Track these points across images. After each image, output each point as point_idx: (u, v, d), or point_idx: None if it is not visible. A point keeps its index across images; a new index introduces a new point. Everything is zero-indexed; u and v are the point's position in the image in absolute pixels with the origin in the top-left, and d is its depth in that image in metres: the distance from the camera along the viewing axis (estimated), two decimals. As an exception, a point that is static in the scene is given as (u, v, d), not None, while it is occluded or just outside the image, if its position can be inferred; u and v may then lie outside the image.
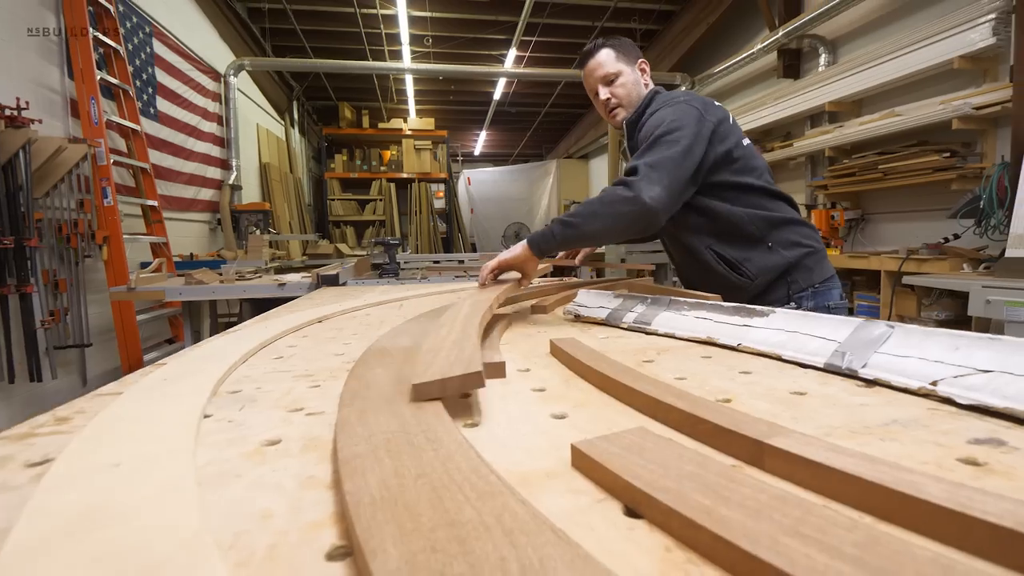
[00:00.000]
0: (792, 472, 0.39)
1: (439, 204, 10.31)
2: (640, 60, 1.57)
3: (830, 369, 0.70)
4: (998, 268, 2.93)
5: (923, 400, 0.57)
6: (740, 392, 0.63)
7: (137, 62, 4.24)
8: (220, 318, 3.95)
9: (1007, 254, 3.00)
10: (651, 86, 1.58)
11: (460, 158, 14.08)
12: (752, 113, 5.62)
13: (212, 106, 5.85)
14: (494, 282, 1.35)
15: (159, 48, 4.66)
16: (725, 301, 1.04)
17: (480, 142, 13.73)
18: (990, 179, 3.30)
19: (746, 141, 1.49)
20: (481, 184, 12.77)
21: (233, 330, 1.21)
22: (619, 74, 1.53)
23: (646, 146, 1.34)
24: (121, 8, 3.97)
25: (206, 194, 5.62)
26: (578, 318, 1.24)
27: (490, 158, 15.35)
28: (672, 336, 0.99)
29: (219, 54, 6.09)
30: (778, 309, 0.91)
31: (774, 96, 5.40)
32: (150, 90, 4.48)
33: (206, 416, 0.60)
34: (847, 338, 0.73)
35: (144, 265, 3.67)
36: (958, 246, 3.58)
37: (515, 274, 1.37)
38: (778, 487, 0.35)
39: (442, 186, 10.26)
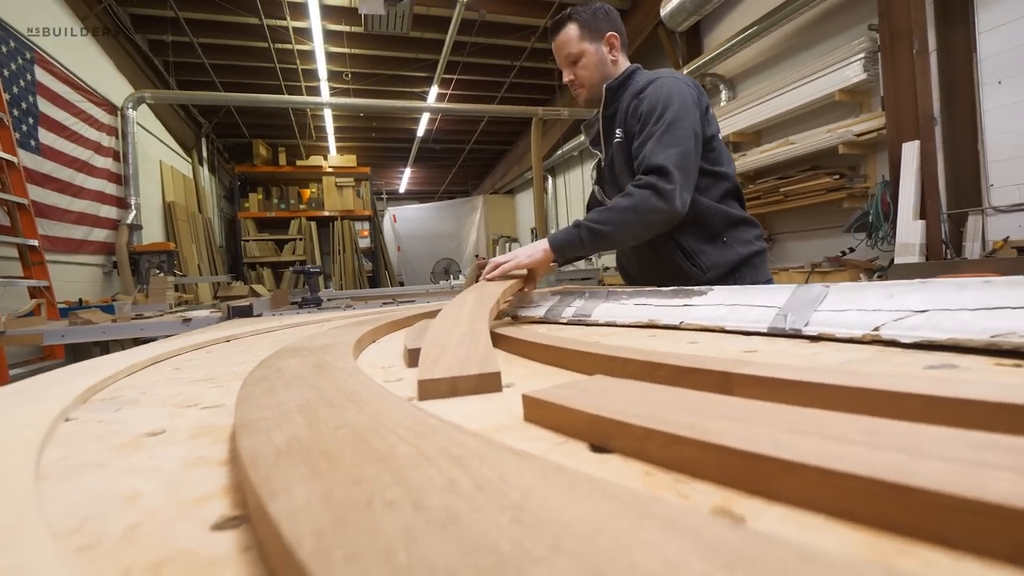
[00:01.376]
0: (767, 395, 0.36)
1: (364, 243, 10.04)
2: (609, 34, 1.46)
3: (774, 332, 0.70)
4: (890, 275, 3.24)
5: (870, 346, 0.57)
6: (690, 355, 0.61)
7: (15, 89, 3.84)
8: (114, 368, 3.52)
9: (896, 261, 3.34)
10: (620, 62, 1.49)
11: (385, 196, 13.93)
12: (662, 145, 6.01)
13: (107, 140, 5.39)
14: (500, 279, 1.23)
15: (43, 76, 4.25)
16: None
17: (405, 179, 13.67)
18: (874, 197, 3.71)
19: (720, 132, 1.47)
20: (408, 221, 12.65)
21: (119, 352, 1.04)
22: (582, 54, 1.45)
23: (661, 132, 1.27)
24: (-4, 30, 3.61)
25: (99, 235, 5.10)
26: (515, 319, 1.19)
27: (415, 195, 15.30)
28: (613, 324, 0.96)
29: (116, 86, 5.68)
30: (715, 287, 0.91)
31: (681, 130, 5.81)
32: (31, 120, 4.05)
33: (68, 420, 0.48)
34: (786, 302, 0.73)
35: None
36: (854, 258, 3.96)
37: (522, 272, 1.28)
38: (759, 404, 0.31)
39: (367, 224, 10.04)
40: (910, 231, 3.43)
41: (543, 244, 1.27)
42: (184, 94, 6.74)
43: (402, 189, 14.57)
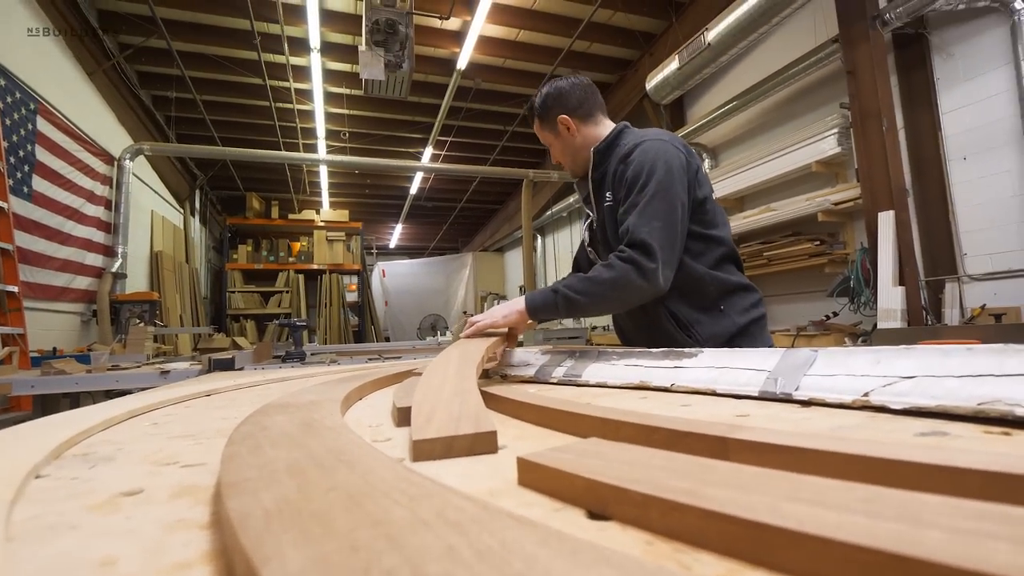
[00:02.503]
0: (762, 461, 0.36)
1: (351, 297, 10.01)
2: (560, 117, 1.44)
3: (765, 396, 0.70)
4: (874, 339, 3.28)
5: (860, 411, 0.58)
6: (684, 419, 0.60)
7: (15, 138, 3.90)
8: (83, 420, 3.37)
9: (879, 326, 3.40)
10: (587, 131, 1.46)
11: (375, 251, 14.04)
12: (648, 209, 6.21)
13: (100, 189, 5.43)
14: (479, 337, 1.22)
15: (43, 126, 4.34)
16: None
17: (396, 235, 13.84)
18: (854, 263, 3.82)
19: (714, 193, 1.44)
20: (396, 277, 12.69)
21: (96, 405, 1.01)
22: (550, 143, 1.51)
23: (645, 203, 1.25)
24: (2, 82, 3.70)
25: (81, 282, 5.03)
26: (505, 378, 1.18)
27: (405, 251, 15.45)
28: (604, 385, 0.96)
29: (115, 137, 5.79)
30: (705, 349, 0.92)
31: (666, 195, 6.03)
32: (26, 168, 4.09)
33: (39, 476, 0.46)
34: (776, 365, 0.74)
35: (-10, 361, 3.11)
36: (838, 322, 4.02)
37: (502, 330, 1.26)
38: (756, 470, 0.31)
39: (355, 278, 10.05)
40: (891, 297, 3.52)
41: (519, 304, 1.25)
42: (182, 147, 6.89)
43: (392, 244, 14.72)
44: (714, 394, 0.77)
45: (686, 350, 0.94)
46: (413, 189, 9.68)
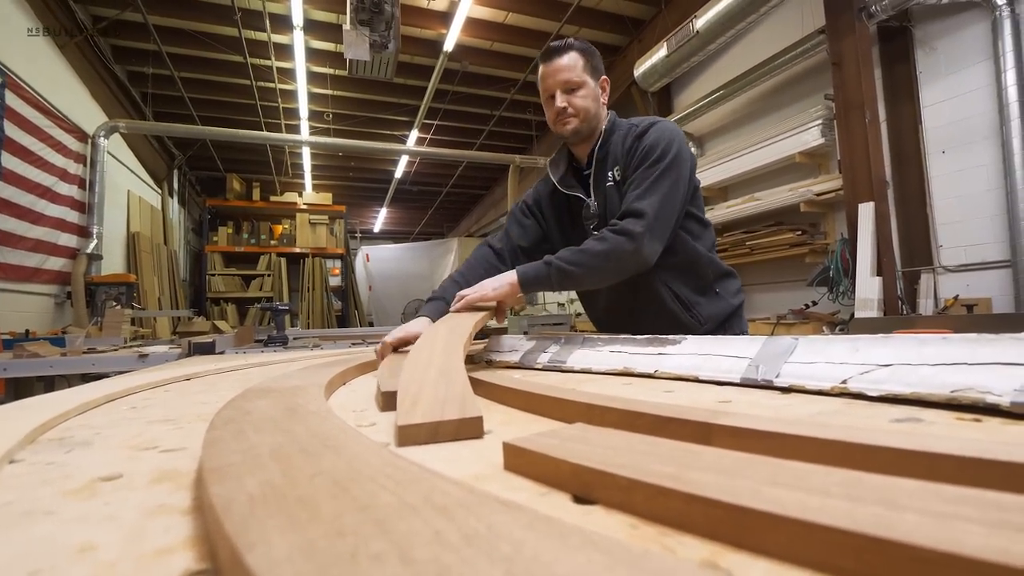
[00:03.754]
0: (744, 446, 0.36)
1: (335, 281, 9.91)
2: (604, 77, 1.43)
3: (746, 383, 0.71)
4: (851, 328, 3.35)
5: (838, 398, 0.59)
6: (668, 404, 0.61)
7: (-18, 113, 3.75)
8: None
9: (856, 315, 3.48)
10: (602, 104, 1.45)
11: (359, 235, 13.87)
12: (634, 197, 6.23)
13: (73, 167, 5.26)
14: (467, 311, 1.20)
15: (12, 100, 4.17)
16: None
17: (380, 219, 13.70)
18: (834, 253, 3.89)
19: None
20: (381, 261, 12.57)
21: (72, 389, 0.99)
22: (583, 85, 1.38)
23: (653, 179, 1.27)
24: (-32, 54, 3.55)
25: (54, 263, 4.90)
26: (491, 363, 1.18)
27: (390, 235, 15.30)
28: (589, 371, 0.96)
29: (89, 114, 5.60)
30: (688, 336, 0.93)
31: (652, 183, 6.04)
32: (-6, 144, 3.95)
33: (12, 462, 0.45)
34: (757, 353, 0.75)
35: (-41, 343, 3.01)
36: (817, 311, 4.10)
37: (490, 304, 1.24)
38: (738, 455, 0.32)
39: (339, 262, 9.94)
40: (868, 287, 3.59)
41: (511, 277, 1.24)
42: (160, 126, 6.69)
43: (377, 228, 14.57)
44: (697, 380, 0.78)
45: (670, 337, 0.95)
46: (398, 173, 9.56)
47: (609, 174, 1.42)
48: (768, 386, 0.68)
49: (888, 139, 3.83)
